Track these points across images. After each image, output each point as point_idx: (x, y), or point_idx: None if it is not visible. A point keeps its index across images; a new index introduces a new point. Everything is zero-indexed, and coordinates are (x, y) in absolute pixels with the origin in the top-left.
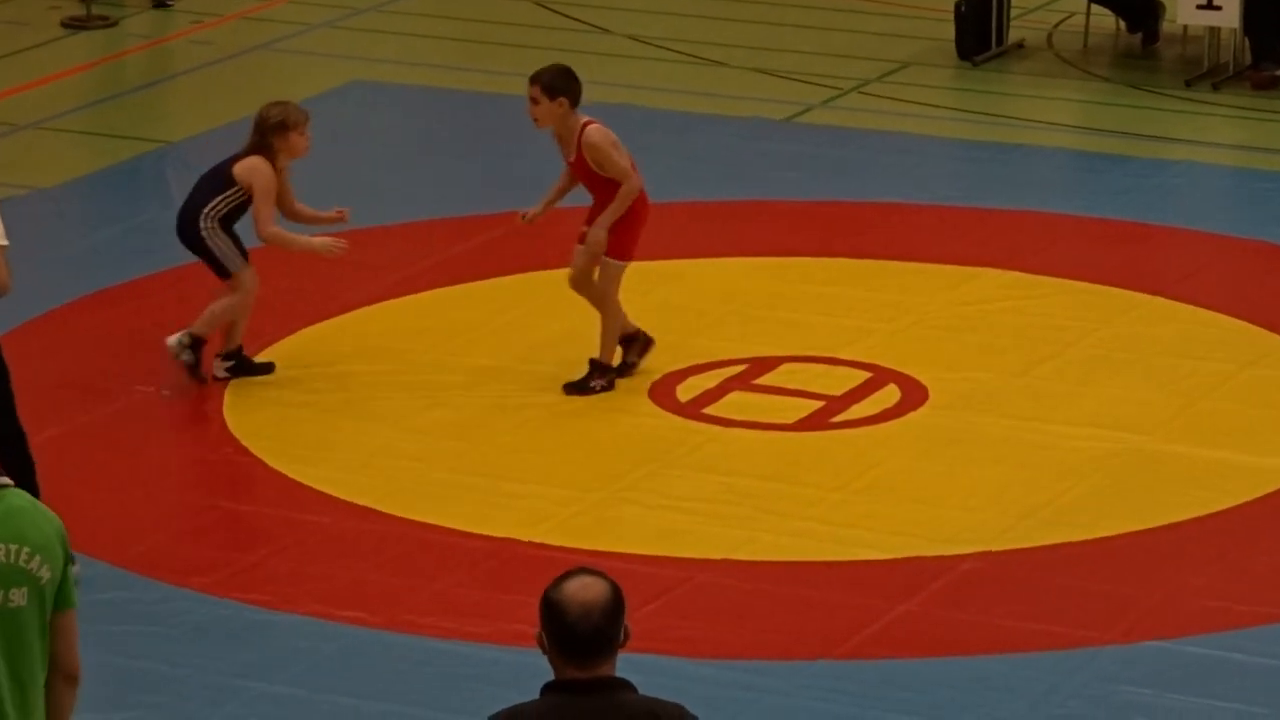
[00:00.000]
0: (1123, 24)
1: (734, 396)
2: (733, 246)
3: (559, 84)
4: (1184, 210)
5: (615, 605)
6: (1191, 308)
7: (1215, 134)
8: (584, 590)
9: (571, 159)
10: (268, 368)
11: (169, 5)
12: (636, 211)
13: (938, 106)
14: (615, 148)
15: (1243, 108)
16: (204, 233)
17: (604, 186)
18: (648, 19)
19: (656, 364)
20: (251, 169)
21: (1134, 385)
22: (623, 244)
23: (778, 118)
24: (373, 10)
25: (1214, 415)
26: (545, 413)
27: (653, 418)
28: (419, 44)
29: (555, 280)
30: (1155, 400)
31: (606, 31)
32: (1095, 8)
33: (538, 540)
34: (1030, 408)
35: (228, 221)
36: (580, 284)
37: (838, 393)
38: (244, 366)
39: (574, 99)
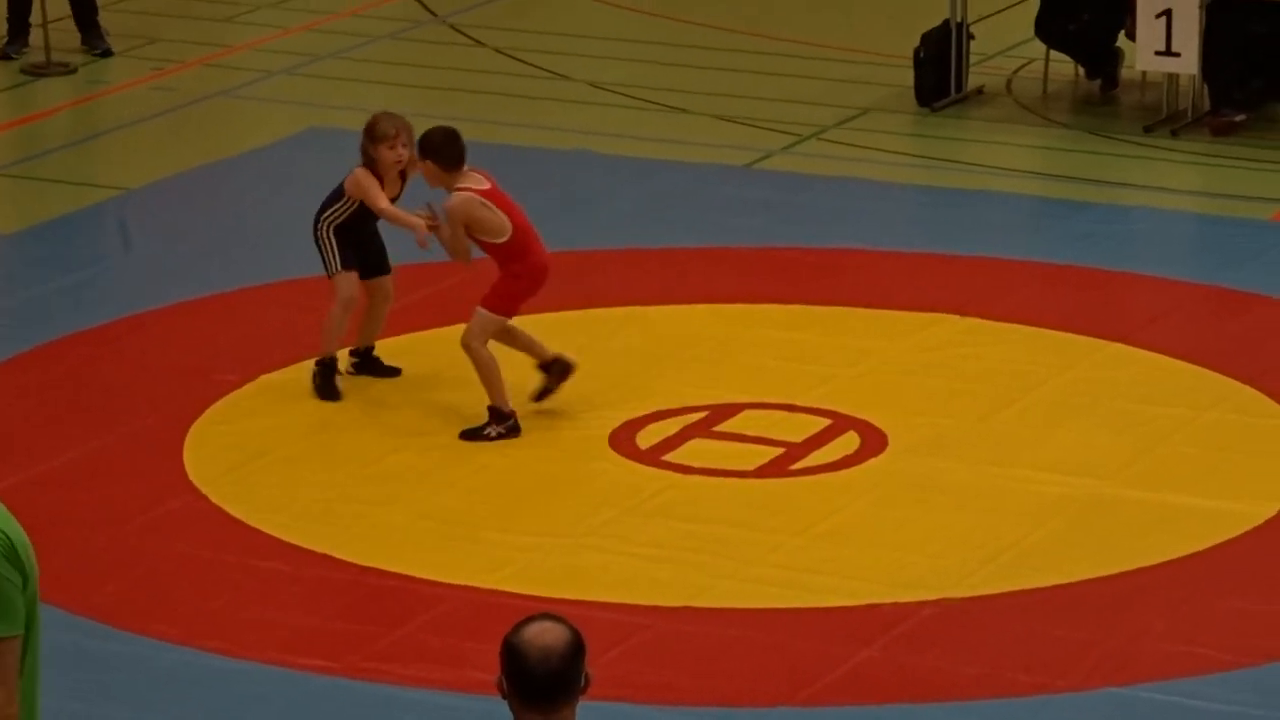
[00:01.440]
0: (1081, 70)
1: (694, 443)
2: (693, 292)
3: (424, 146)
4: (1143, 256)
5: (575, 650)
6: (1150, 353)
7: (1174, 180)
8: (544, 635)
9: None
10: (394, 371)
11: (112, 53)
12: (527, 274)
13: (897, 153)
14: (476, 213)
15: (1201, 154)
16: (317, 234)
17: (488, 247)
18: (607, 65)
19: (617, 411)
20: (354, 182)
21: (1093, 431)
22: (502, 300)
23: (738, 164)
24: (331, 57)
25: (1173, 460)
26: (506, 459)
27: (613, 464)
28: (378, 91)
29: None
30: (1115, 445)
31: (566, 78)
32: (1054, 54)
33: (498, 587)
34: (990, 453)
35: (344, 230)
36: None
37: (798, 439)
38: (369, 365)
39: (442, 162)
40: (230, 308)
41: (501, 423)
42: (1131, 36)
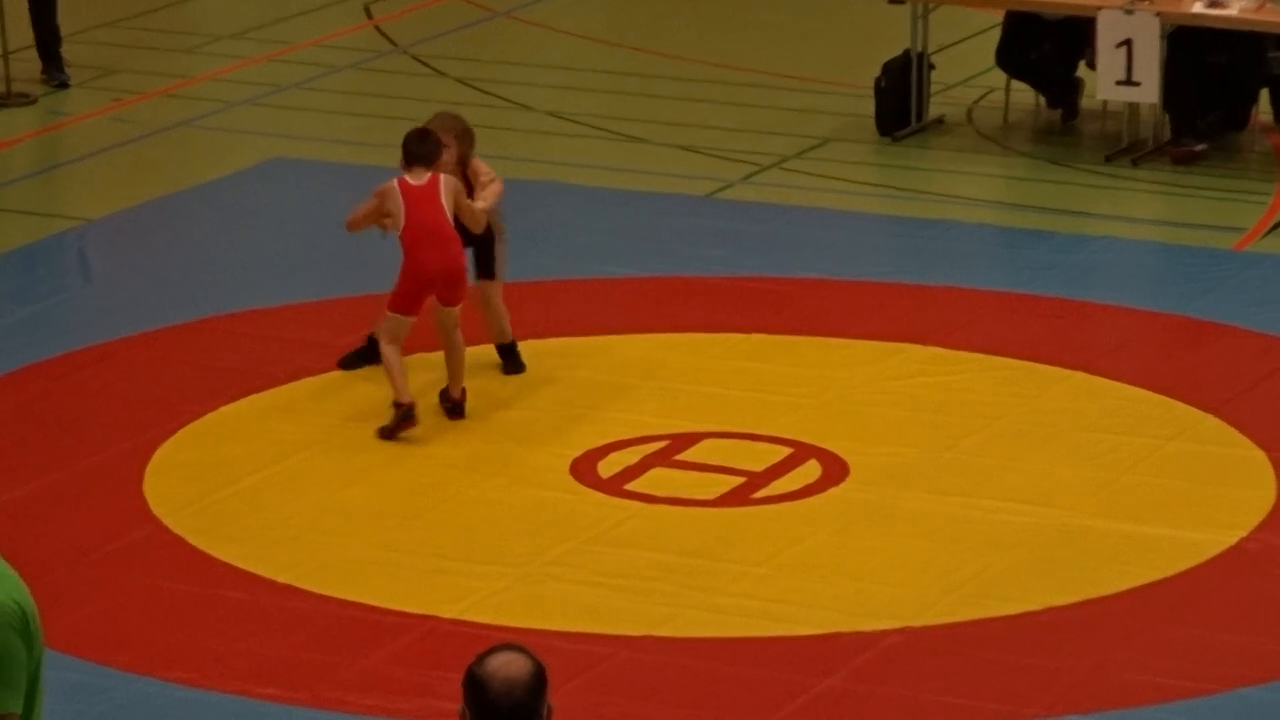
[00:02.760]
0: (1042, 100)
1: (656, 472)
2: (654, 322)
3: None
4: (1105, 285)
5: (537, 682)
6: (1113, 383)
7: (1136, 209)
8: (506, 666)
9: None
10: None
11: (69, 85)
12: (409, 274)
13: (858, 182)
14: (384, 200)
15: (1162, 183)
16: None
17: None
18: (568, 96)
19: (578, 440)
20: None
21: (1057, 460)
22: (394, 297)
23: (699, 194)
24: (294, 88)
25: (1137, 490)
26: (468, 489)
27: (574, 494)
28: (341, 121)
29: (478, 356)
30: (1079, 475)
31: (527, 108)
32: (1015, 83)
33: (460, 617)
34: (953, 483)
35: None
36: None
37: (759, 468)
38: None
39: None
40: (192, 339)
41: (397, 412)
42: (1092, 66)
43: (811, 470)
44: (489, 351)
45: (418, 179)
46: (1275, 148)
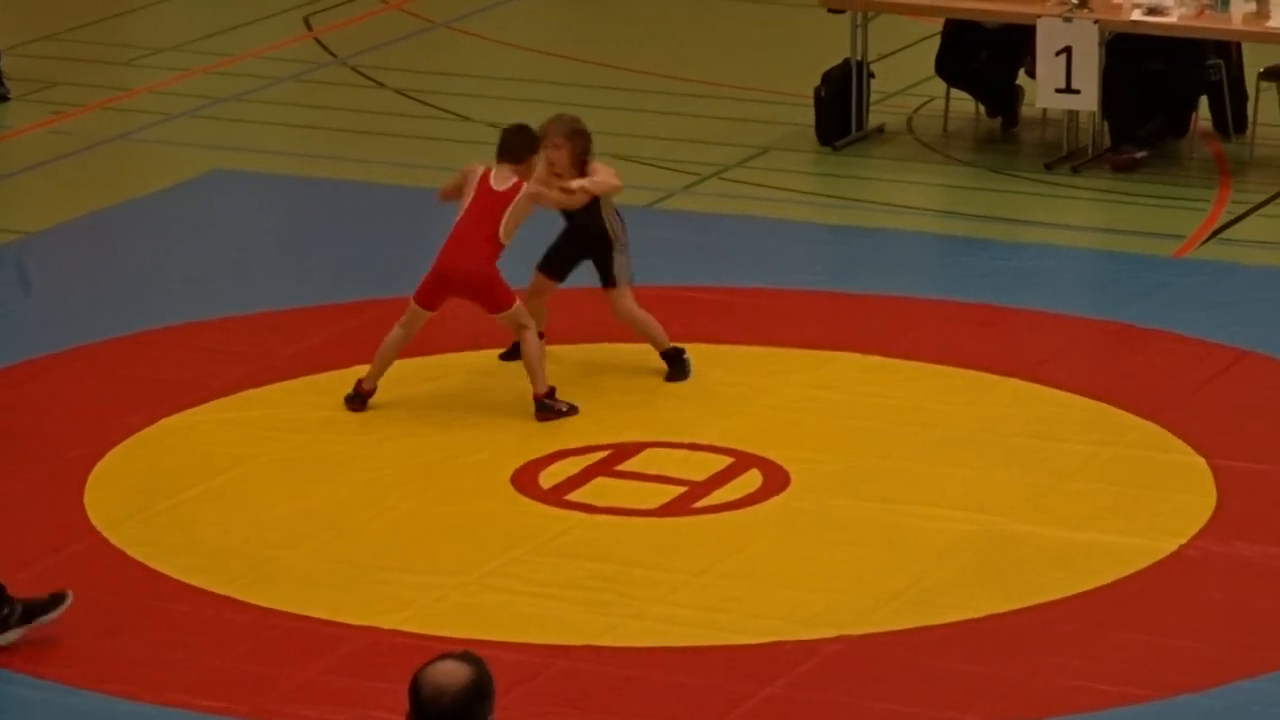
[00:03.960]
0: (982, 108)
1: (597, 482)
2: (595, 332)
3: None
4: (1044, 292)
5: (472, 691)
6: (1052, 390)
7: (1075, 217)
8: (442, 674)
9: None
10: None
11: (8, 98)
12: (431, 269)
13: (798, 191)
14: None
15: (1102, 190)
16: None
17: None
18: (508, 106)
19: (519, 450)
20: None
21: (995, 467)
22: (419, 286)
23: (639, 204)
24: (233, 99)
25: (1076, 496)
26: (409, 499)
27: (516, 504)
28: (280, 133)
29: (416, 368)
30: (1017, 482)
31: (466, 119)
32: (955, 92)
33: (401, 628)
34: (893, 491)
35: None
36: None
37: (700, 478)
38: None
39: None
40: (133, 351)
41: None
42: (1032, 74)
43: (752, 479)
44: (432, 363)
45: (500, 177)
46: (1214, 155)
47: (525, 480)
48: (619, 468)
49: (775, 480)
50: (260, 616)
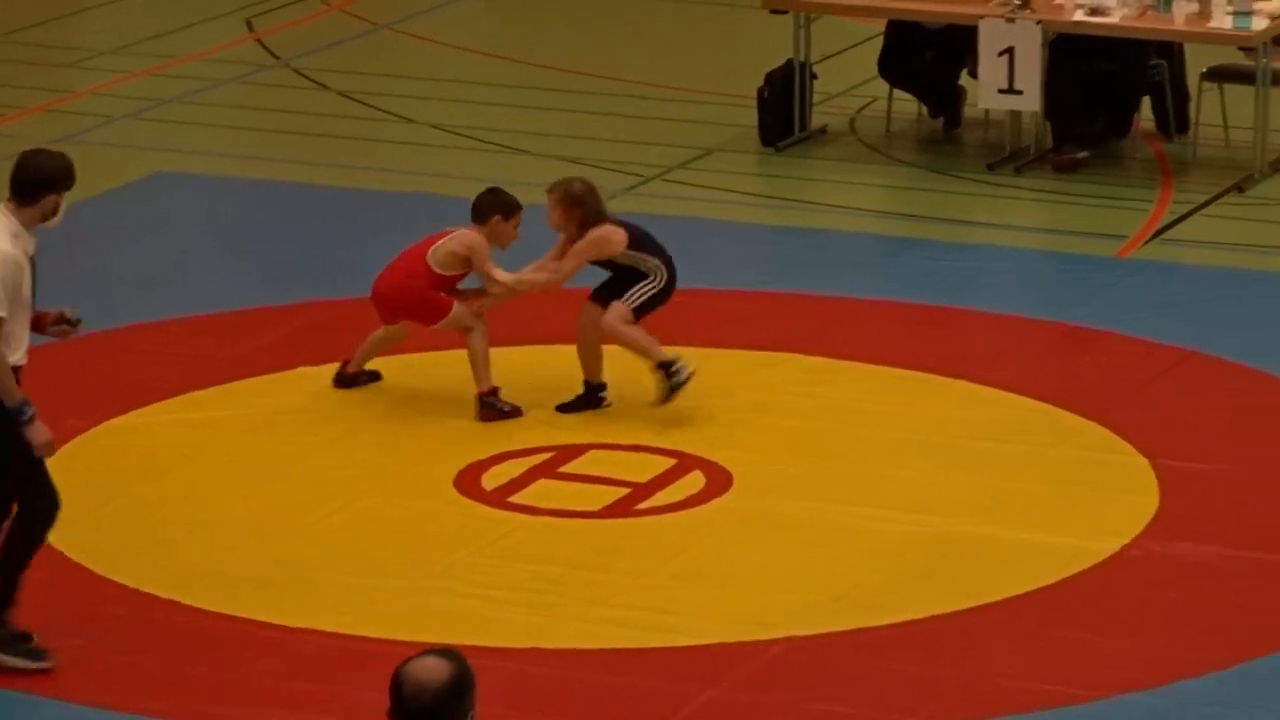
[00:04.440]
0: (925, 109)
1: (540, 484)
2: (538, 334)
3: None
4: (988, 293)
5: (452, 688)
6: (996, 390)
7: (1018, 217)
8: (423, 670)
9: None
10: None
11: None
12: None
13: (742, 192)
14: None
15: (1045, 190)
16: None
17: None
18: (451, 108)
19: (462, 452)
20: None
21: (939, 468)
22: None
23: None
24: (176, 102)
25: (1018, 497)
26: (353, 502)
27: (458, 506)
28: (223, 135)
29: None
30: (960, 483)
31: (409, 120)
32: (897, 93)
33: (342, 630)
34: (836, 492)
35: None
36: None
37: (643, 479)
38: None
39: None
40: (76, 353)
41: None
42: (974, 74)
43: (695, 481)
44: (378, 365)
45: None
46: (1157, 155)
47: (468, 482)
48: (562, 469)
49: (718, 481)
50: (202, 619)
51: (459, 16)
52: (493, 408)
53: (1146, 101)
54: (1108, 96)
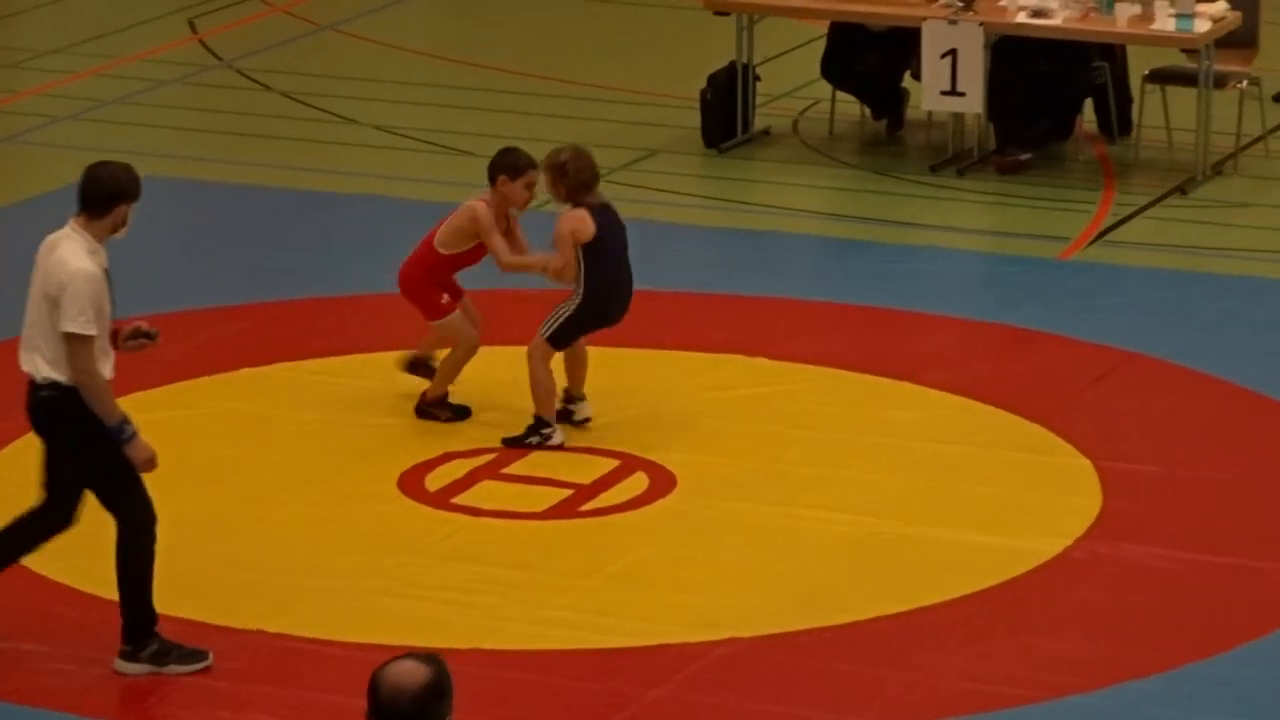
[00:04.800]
0: (868, 110)
1: (483, 485)
2: (481, 335)
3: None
4: (930, 295)
5: (430, 692)
6: (938, 392)
7: (961, 219)
8: (402, 674)
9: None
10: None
11: None
12: None
13: (685, 194)
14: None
15: (987, 192)
16: None
17: None
18: (395, 109)
19: (405, 453)
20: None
21: (884, 470)
22: None
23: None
24: (119, 103)
25: (961, 498)
26: (295, 502)
27: (401, 507)
28: (166, 135)
29: (304, 370)
30: (905, 484)
31: (353, 122)
32: (840, 94)
33: (286, 630)
34: (780, 493)
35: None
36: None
37: (587, 480)
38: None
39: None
40: (13, 355)
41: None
42: (917, 76)
43: (639, 482)
44: (319, 365)
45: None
46: (1099, 157)
47: (411, 483)
48: (505, 470)
49: (662, 483)
50: None
51: (402, 18)
52: (427, 413)
53: (1089, 103)
54: (1050, 98)
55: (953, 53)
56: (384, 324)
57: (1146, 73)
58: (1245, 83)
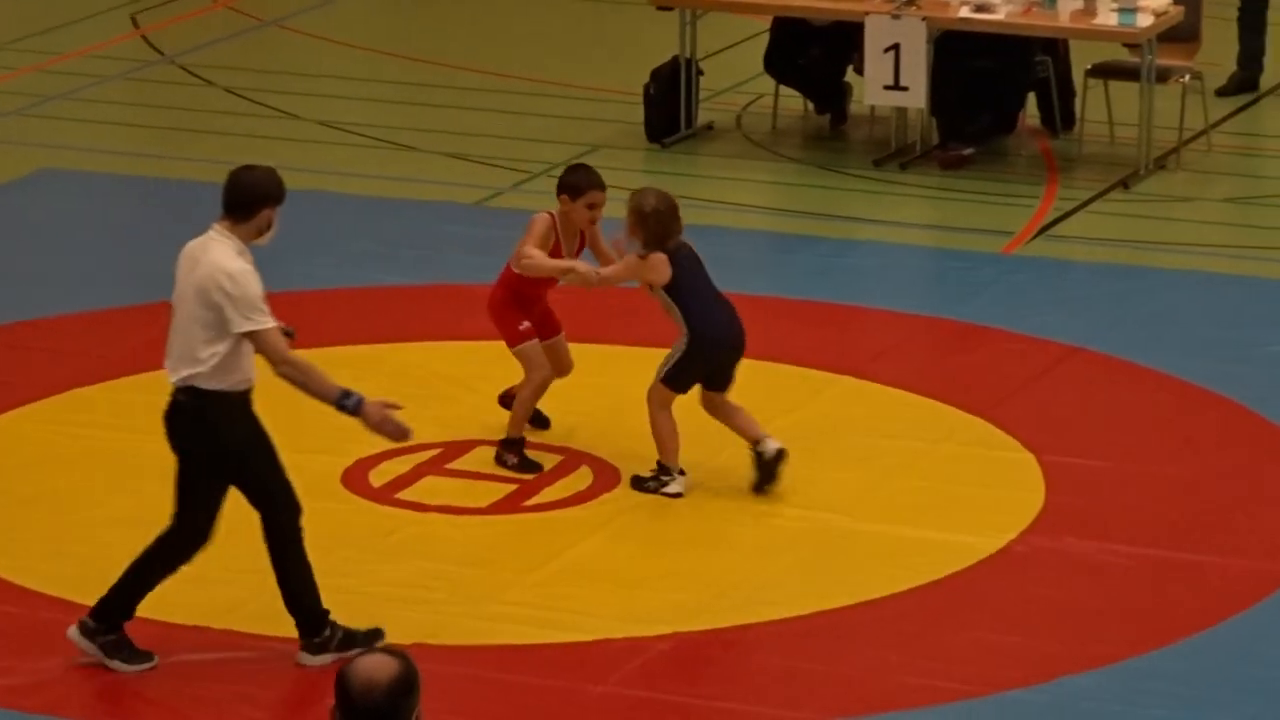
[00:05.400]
0: (811, 105)
1: (428, 481)
2: (426, 330)
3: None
4: (874, 290)
5: (402, 685)
6: (883, 387)
7: (904, 214)
8: (372, 668)
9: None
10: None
11: None
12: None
13: (627, 189)
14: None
15: (930, 187)
16: None
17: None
18: (338, 105)
19: (349, 449)
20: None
21: (827, 464)
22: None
23: (468, 202)
24: (61, 98)
25: (907, 493)
26: (237, 499)
27: (346, 503)
28: (108, 131)
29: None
30: (849, 479)
31: (296, 117)
32: (784, 89)
33: (231, 628)
34: (723, 488)
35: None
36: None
37: (529, 475)
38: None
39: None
40: None
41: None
42: (860, 71)
43: (583, 477)
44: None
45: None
46: (1042, 151)
47: (355, 479)
48: (449, 466)
49: (605, 477)
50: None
51: (345, 13)
52: (500, 459)
53: (1032, 98)
54: (993, 93)
55: (895, 47)
56: (326, 320)
57: (1089, 67)
58: (1188, 77)
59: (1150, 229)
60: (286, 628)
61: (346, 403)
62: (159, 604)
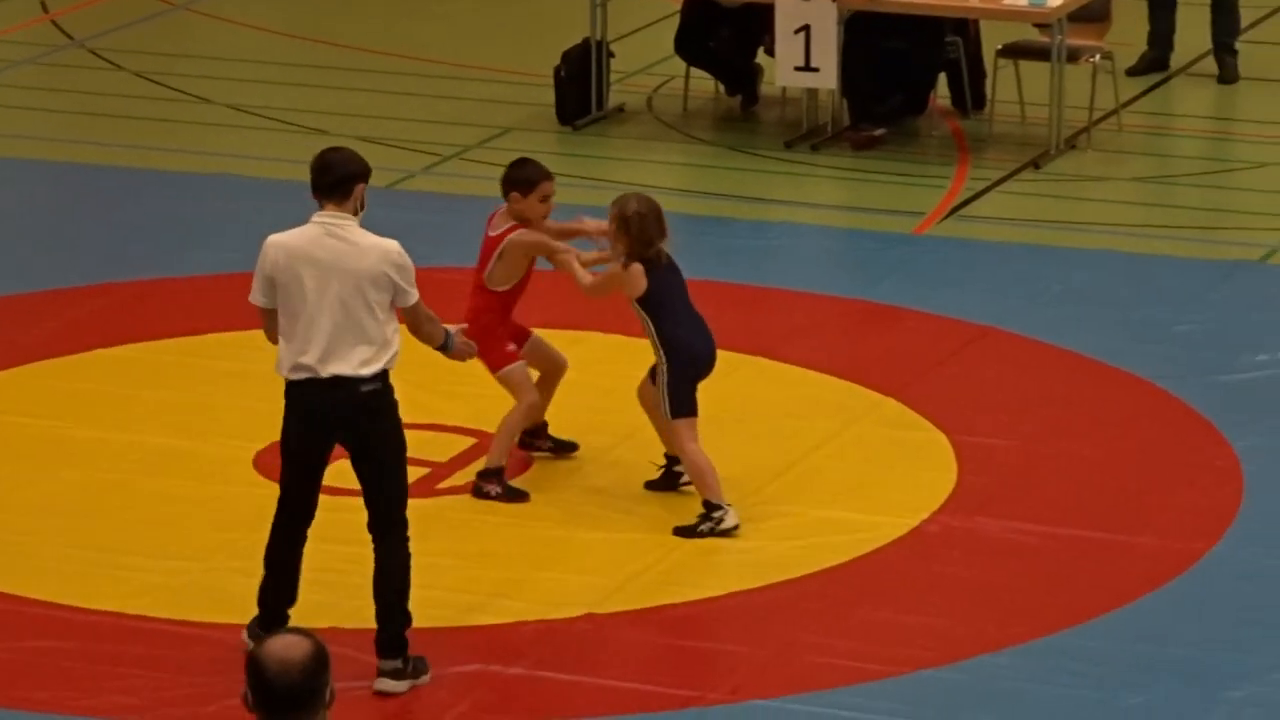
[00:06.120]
0: (722, 87)
1: (341, 464)
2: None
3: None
4: (786, 271)
5: (316, 663)
6: (795, 367)
7: (816, 195)
8: (285, 648)
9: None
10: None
11: None
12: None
13: None
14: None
15: (842, 168)
16: None
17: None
18: (248, 88)
19: (262, 433)
20: None
21: (739, 445)
22: None
23: (379, 185)
24: None
25: (820, 473)
26: (151, 484)
27: (259, 488)
28: (18, 116)
29: (160, 350)
30: (761, 459)
31: (207, 101)
32: (694, 71)
33: (144, 612)
34: (635, 470)
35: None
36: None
37: (443, 459)
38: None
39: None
40: None
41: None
42: (771, 53)
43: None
44: (181, 345)
45: (499, 219)
46: (953, 132)
47: (268, 463)
48: None
49: (517, 461)
50: (6, 603)
51: None
52: (480, 490)
53: (943, 79)
54: (904, 74)
55: (806, 28)
56: (233, 303)
57: (999, 47)
58: (1098, 57)
59: (1061, 209)
60: (197, 611)
61: (451, 343)
62: (69, 589)
